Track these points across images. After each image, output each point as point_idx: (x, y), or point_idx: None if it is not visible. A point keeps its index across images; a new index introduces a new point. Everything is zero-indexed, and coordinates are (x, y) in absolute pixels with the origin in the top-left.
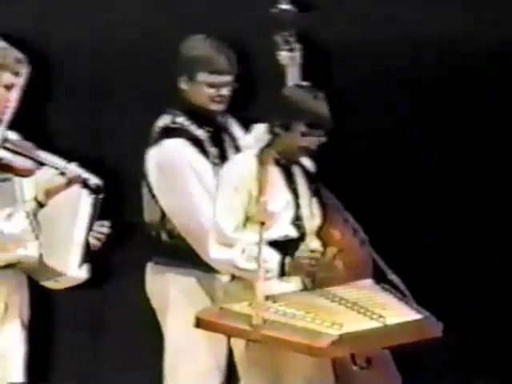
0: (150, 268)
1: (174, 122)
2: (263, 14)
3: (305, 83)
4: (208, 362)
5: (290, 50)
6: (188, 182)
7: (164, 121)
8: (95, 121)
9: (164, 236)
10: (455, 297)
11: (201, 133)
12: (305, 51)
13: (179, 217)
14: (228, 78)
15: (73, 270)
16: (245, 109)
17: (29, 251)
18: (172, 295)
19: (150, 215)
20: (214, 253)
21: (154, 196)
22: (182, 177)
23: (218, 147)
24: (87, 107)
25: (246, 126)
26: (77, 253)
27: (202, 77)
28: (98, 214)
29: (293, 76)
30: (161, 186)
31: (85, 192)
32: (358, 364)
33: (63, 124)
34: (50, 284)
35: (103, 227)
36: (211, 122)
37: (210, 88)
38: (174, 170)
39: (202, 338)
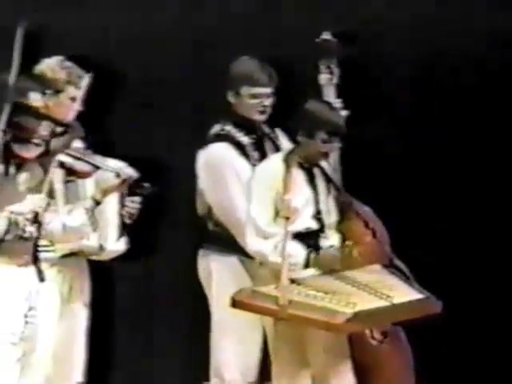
0: (201, 253)
1: (222, 130)
2: (310, 43)
3: (329, 99)
4: (248, 336)
5: (330, 73)
6: (228, 181)
7: (215, 129)
8: (152, 130)
9: (211, 226)
10: (453, 279)
11: (245, 139)
12: (342, 73)
13: (221, 210)
14: (268, 90)
15: (110, 244)
16: (288, 119)
17: (91, 242)
18: (217, 275)
19: (200, 208)
20: (251, 244)
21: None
22: (223, 175)
23: (260, 151)
24: (145, 117)
25: (289, 133)
26: (113, 230)
27: (246, 90)
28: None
29: (328, 94)
30: (207, 183)
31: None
32: (375, 338)
33: (122, 130)
34: (95, 256)
35: (133, 202)
36: (255, 130)
37: (253, 99)
38: (217, 169)
39: (243, 314)
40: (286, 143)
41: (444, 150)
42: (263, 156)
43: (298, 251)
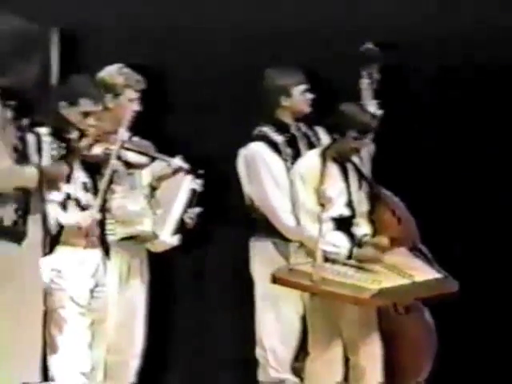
0: (251, 239)
1: (260, 131)
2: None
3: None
4: (286, 309)
5: (370, 78)
6: (261, 174)
7: (256, 130)
8: (204, 128)
9: (254, 214)
10: (470, 263)
11: (279, 138)
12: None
13: (258, 200)
14: (302, 88)
15: (165, 236)
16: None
17: (145, 227)
18: (259, 257)
19: (246, 199)
20: (308, 228)
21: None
22: (256, 170)
23: (294, 148)
24: (198, 117)
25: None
26: (171, 224)
27: (297, 90)
28: (197, 200)
29: (366, 96)
30: (245, 177)
31: (187, 180)
32: (398, 311)
33: (179, 128)
34: (148, 246)
35: (194, 213)
36: (288, 131)
37: (303, 96)
38: (252, 164)
39: (283, 289)
40: (325, 139)
41: (464, 147)
42: (297, 152)
43: (344, 243)
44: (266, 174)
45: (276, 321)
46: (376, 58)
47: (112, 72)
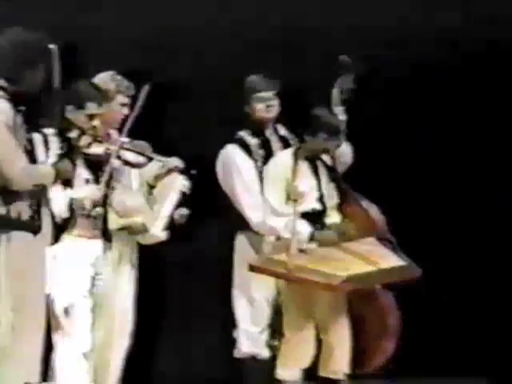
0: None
1: (237, 135)
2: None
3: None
4: (259, 295)
5: (341, 87)
6: (232, 175)
7: (236, 134)
8: (196, 131)
9: (233, 210)
10: (432, 251)
11: (253, 140)
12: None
13: (231, 197)
14: (269, 94)
15: (155, 230)
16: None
17: (138, 220)
18: (237, 248)
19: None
20: (269, 221)
21: None
22: (229, 170)
23: (266, 150)
24: (186, 122)
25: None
26: (162, 220)
27: (253, 98)
28: (187, 199)
29: (335, 103)
30: (220, 177)
31: (179, 180)
32: (359, 293)
33: (172, 133)
34: (139, 239)
35: (183, 212)
36: (263, 134)
37: (260, 103)
38: (225, 165)
39: (256, 278)
40: (292, 141)
41: (429, 148)
42: (269, 153)
43: (305, 229)
44: (236, 173)
45: (248, 305)
46: (350, 68)
47: (104, 78)
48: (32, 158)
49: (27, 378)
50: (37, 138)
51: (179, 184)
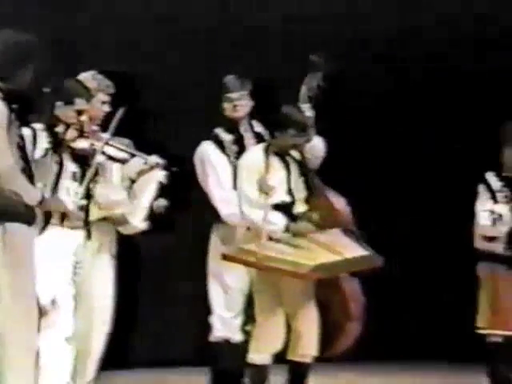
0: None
1: (213, 132)
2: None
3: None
4: (232, 282)
5: (309, 85)
6: (207, 170)
7: (212, 132)
8: (174, 131)
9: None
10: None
11: (227, 137)
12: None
13: (206, 191)
14: (237, 94)
15: (136, 222)
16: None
17: (119, 211)
18: (211, 239)
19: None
20: (245, 213)
21: None
22: (203, 166)
23: (239, 146)
24: (170, 121)
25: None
26: (142, 211)
27: (223, 98)
28: (166, 191)
29: (303, 100)
30: (198, 172)
31: (157, 174)
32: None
33: (151, 130)
34: (121, 229)
35: (162, 202)
36: (237, 130)
37: (228, 103)
38: (200, 161)
39: (230, 266)
40: (266, 136)
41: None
42: (243, 149)
43: (280, 221)
44: (209, 169)
45: (222, 292)
46: (320, 67)
47: (87, 77)
48: (24, 153)
49: (24, 365)
50: (26, 133)
51: (157, 176)
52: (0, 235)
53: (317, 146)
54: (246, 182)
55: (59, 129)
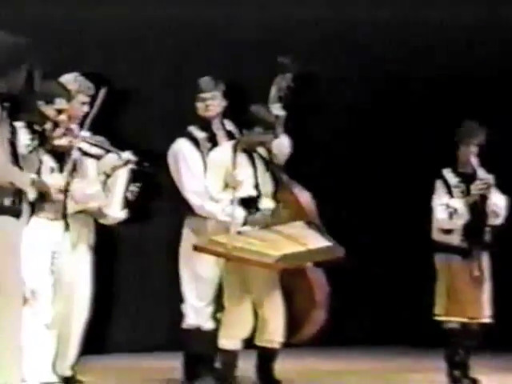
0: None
1: (187, 129)
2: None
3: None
4: (203, 272)
5: (279, 85)
6: (180, 166)
7: (186, 129)
8: (147, 127)
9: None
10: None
11: (200, 134)
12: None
13: (179, 186)
14: (209, 95)
15: (113, 212)
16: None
17: (95, 204)
18: (183, 231)
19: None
20: (205, 206)
21: None
22: (177, 162)
23: (213, 143)
24: (141, 118)
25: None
26: (117, 201)
27: (196, 98)
28: (137, 180)
29: (273, 100)
30: (170, 167)
31: (130, 169)
32: (292, 271)
33: (126, 128)
34: (102, 220)
35: (135, 187)
36: (210, 128)
37: (199, 102)
38: (174, 157)
39: (201, 257)
40: (237, 135)
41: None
42: (215, 146)
43: (239, 214)
44: (183, 163)
45: (194, 282)
46: (288, 69)
47: (68, 79)
48: (14, 148)
49: (8, 349)
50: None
51: (129, 170)
52: None
53: (283, 144)
54: (211, 178)
55: (47, 126)
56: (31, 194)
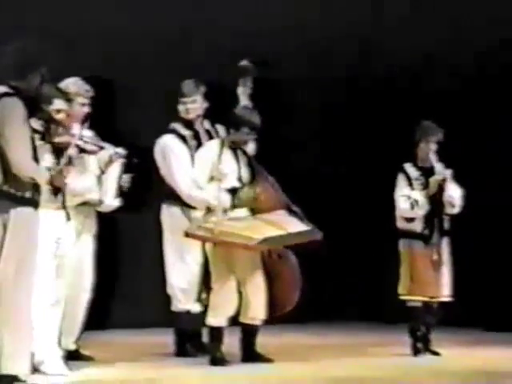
0: (163, 206)
1: (171, 126)
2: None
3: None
4: (189, 258)
5: (244, 87)
6: (170, 160)
7: (169, 126)
8: (136, 126)
9: (167, 188)
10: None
11: (186, 132)
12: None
13: (168, 179)
14: (189, 99)
15: (108, 200)
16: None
17: (93, 196)
18: (168, 219)
19: (160, 177)
20: (196, 195)
21: None
22: (167, 156)
23: (197, 140)
24: (133, 117)
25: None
26: (111, 191)
27: (179, 101)
28: (129, 171)
29: (243, 100)
30: (158, 162)
31: (121, 162)
32: (273, 257)
33: (117, 125)
34: (99, 208)
35: (127, 178)
36: (193, 127)
37: (180, 105)
38: (164, 152)
39: (187, 243)
40: (223, 133)
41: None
42: (199, 144)
43: (226, 199)
44: (173, 157)
45: (182, 266)
46: (250, 71)
47: (69, 82)
48: (34, 144)
49: (20, 324)
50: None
51: (118, 163)
52: (13, 216)
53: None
54: (199, 171)
55: (52, 125)
56: (44, 188)
